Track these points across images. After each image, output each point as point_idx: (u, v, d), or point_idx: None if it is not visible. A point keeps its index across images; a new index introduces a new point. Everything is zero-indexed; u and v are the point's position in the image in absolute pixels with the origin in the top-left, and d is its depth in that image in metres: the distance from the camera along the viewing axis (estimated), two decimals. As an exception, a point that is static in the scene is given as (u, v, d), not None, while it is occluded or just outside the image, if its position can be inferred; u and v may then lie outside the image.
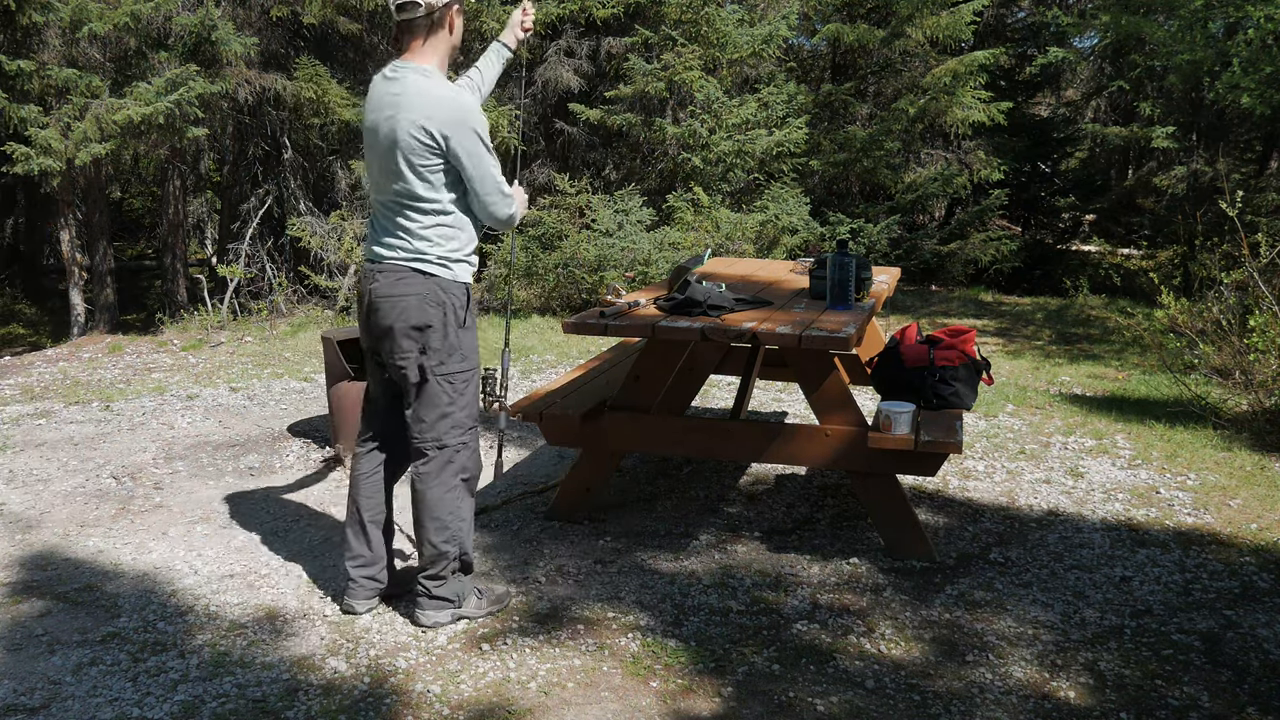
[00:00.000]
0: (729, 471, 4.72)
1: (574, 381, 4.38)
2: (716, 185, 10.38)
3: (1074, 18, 12.82)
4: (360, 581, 3.23)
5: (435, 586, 3.11)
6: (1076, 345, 8.09)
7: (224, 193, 11.12)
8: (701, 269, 5.05)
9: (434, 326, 2.94)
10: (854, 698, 2.81)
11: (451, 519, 3.07)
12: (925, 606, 3.35)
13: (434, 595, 3.12)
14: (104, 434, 5.30)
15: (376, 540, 3.22)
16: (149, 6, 7.77)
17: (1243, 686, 2.89)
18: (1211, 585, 3.55)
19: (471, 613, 3.18)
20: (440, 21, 2.92)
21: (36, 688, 2.82)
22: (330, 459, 4.89)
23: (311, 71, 9.09)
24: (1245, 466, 4.85)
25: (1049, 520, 4.15)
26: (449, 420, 3.02)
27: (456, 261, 2.98)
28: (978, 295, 11.11)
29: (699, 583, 3.50)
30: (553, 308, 9.47)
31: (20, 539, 3.89)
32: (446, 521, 3.06)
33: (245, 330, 8.47)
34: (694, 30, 10.57)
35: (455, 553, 3.09)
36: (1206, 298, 6.21)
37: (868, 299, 4.09)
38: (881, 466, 3.63)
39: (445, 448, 3.03)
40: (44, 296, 12.11)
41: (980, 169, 11.91)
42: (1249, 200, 9.07)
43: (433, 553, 3.07)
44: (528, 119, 10.80)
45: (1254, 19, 7.64)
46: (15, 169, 7.29)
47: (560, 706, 2.74)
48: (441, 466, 3.04)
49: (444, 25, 2.94)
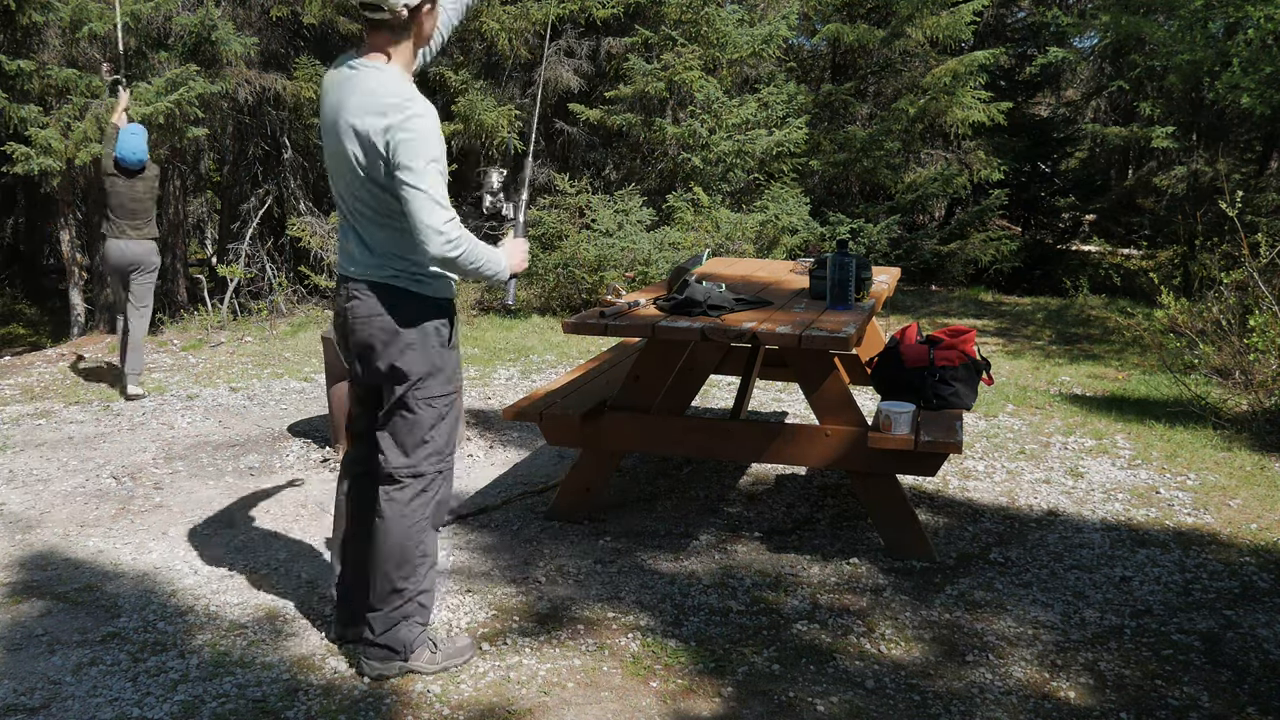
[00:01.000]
0: (729, 471, 4.72)
1: (574, 381, 4.38)
2: (716, 185, 10.38)
3: (1074, 18, 12.82)
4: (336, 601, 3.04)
5: (380, 631, 2.81)
6: (1076, 345, 8.09)
7: (224, 193, 11.13)
8: (701, 269, 5.05)
9: (415, 347, 2.70)
10: (854, 698, 2.81)
11: (415, 553, 2.79)
12: (925, 606, 3.35)
13: (376, 641, 2.82)
14: (104, 434, 5.30)
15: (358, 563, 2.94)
16: (149, 6, 7.77)
17: (1243, 686, 2.89)
18: (1211, 585, 3.55)
19: (422, 667, 2.86)
20: (406, 25, 2.63)
21: (36, 688, 2.82)
22: (329, 459, 4.89)
23: (311, 71, 9.09)
24: (1245, 466, 4.85)
25: (1049, 520, 4.15)
26: (428, 447, 2.77)
27: (434, 277, 2.72)
28: (978, 295, 11.11)
29: (699, 583, 3.50)
30: (553, 308, 9.47)
31: (20, 539, 3.89)
32: (410, 555, 2.78)
33: (245, 330, 8.47)
34: (694, 30, 10.57)
35: (411, 592, 2.81)
36: (1206, 298, 6.21)
37: (868, 299, 4.09)
38: (881, 466, 3.63)
39: (421, 476, 2.78)
40: (44, 296, 12.11)
41: (980, 169, 11.90)
42: (1249, 200, 9.06)
43: (386, 588, 2.79)
44: (527, 119, 10.80)
45: (1254, 19, 7.64)
46: (15, 169, 7.29)
47: (560, 706, 2.74)
48: (413, 496, 2.78)
49: (410, 30, 2.65)
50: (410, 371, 2.72)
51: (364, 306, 2.70)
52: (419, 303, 2.72)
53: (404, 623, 2.83)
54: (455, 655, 2.93)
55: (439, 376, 2.76)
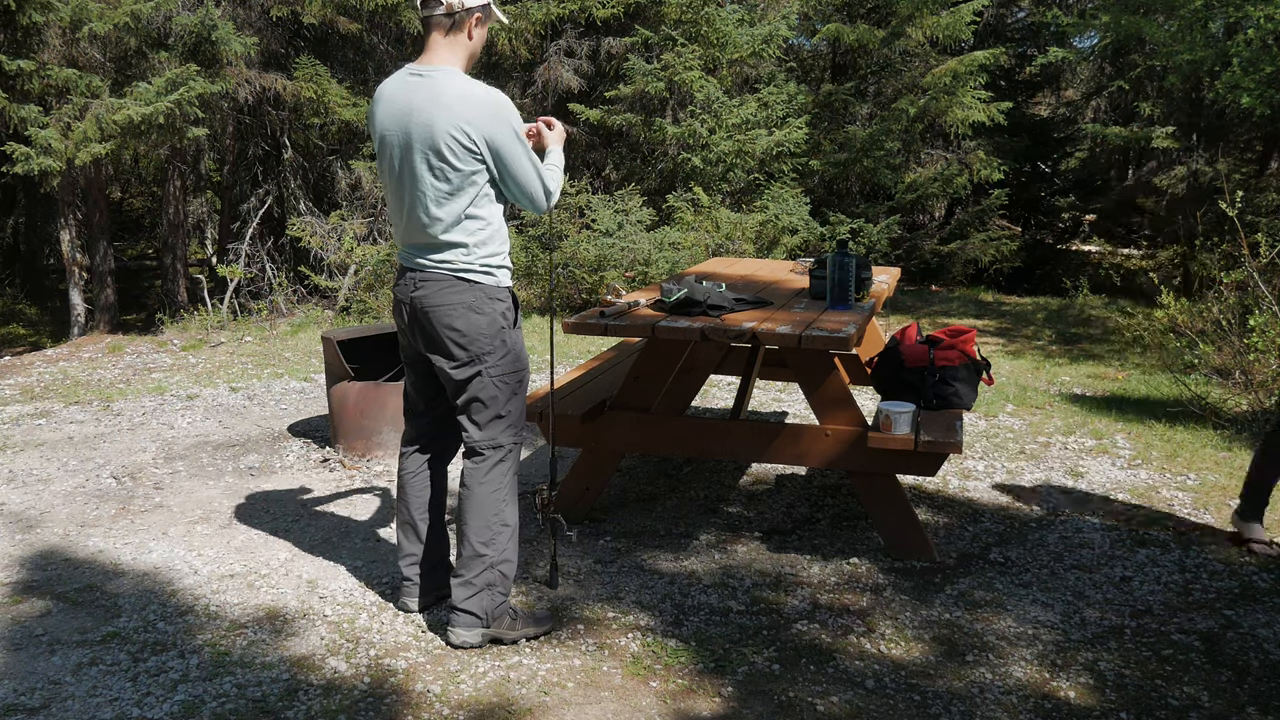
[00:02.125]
0: (729, 471, 4.72)
1: (574, 381, 4.38)
2: (716, 185, 10.38)
3: (1074, 18, 12.80)
4: (413, 579, 3.23)
5: (463, 596, 3.00)
6: (1077, 345, 8.09)
7: (224, 193, 11.12)
8: (700, 269, 5.05)
9: (485, 332, 2.91)
10: (854, 698, 2.81)
11: (495, 520, 3.00)
12: (925, 606, 3.35)
13: (459, 607, 3.00)
14: (104, 434, 5.30)
15: (427, 538, 3.21)
16: (149, 6, 7.77)
17: (1243, 686, 2.89)
18: (1211, 585, 3.55)
19: (504, 634, 3.05)
20: (460, 24, 2.85)
21: (36, 688, 2.82)
22: (329, 459, 4.89)
23: (311, 71, 9.09)
24: (1245, 466, 4.84)
25: (1049, 520, 4.15)
26: (504, 421, 3.00)
27: (498, 267, 2.95)
28: (978, 295, 11.11)
29: (699, 583, 3.50)
30: (553, 308, 9.47)
31: (20, 539, 3.89)
32: (489, 521, 3.00)
33: (245, 330, 8.47)
34: (694, 30, 10.57)
35: (492, 558, 3.00)
36: (1206, 298, 6.21)
37: (868, 299, 4.09)
38: (881, 466, 3.63)
39: (500, 448, 3.01)
40: (44, 296, 12.11)
41: (980, 169, 11.91)
42: (1249, 200, 9.06)
43: (469, 553, 3.00)
44: (527, 119, 10.79)
45: (1254, 19, 7.64)
46: (15, 169, 7.29)
47: (560, 706, 2.74)
48: (492, 466, 3.01)
49: (463, 29, 2.86)
50: (483, 354, 2.93)
51: (433, 296, 2.91)
52: (484, 292, 2.93)
53: (487, 590, 3.01)
54: (535, 625, 3.11)
55: (510, 355, 2.98)
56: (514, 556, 3.07)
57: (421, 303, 2.93)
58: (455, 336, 2.91)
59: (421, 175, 2.84)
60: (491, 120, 2.79)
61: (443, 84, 2.81)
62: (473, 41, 2.91)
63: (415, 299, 2.94)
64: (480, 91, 2.81)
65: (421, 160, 2.82)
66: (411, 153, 2.83)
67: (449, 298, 2.89)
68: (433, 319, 2.92)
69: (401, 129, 2.84)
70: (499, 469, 3.02)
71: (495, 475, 3.01)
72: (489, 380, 2.95)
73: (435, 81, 2.81)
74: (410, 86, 2.85)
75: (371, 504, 4.28)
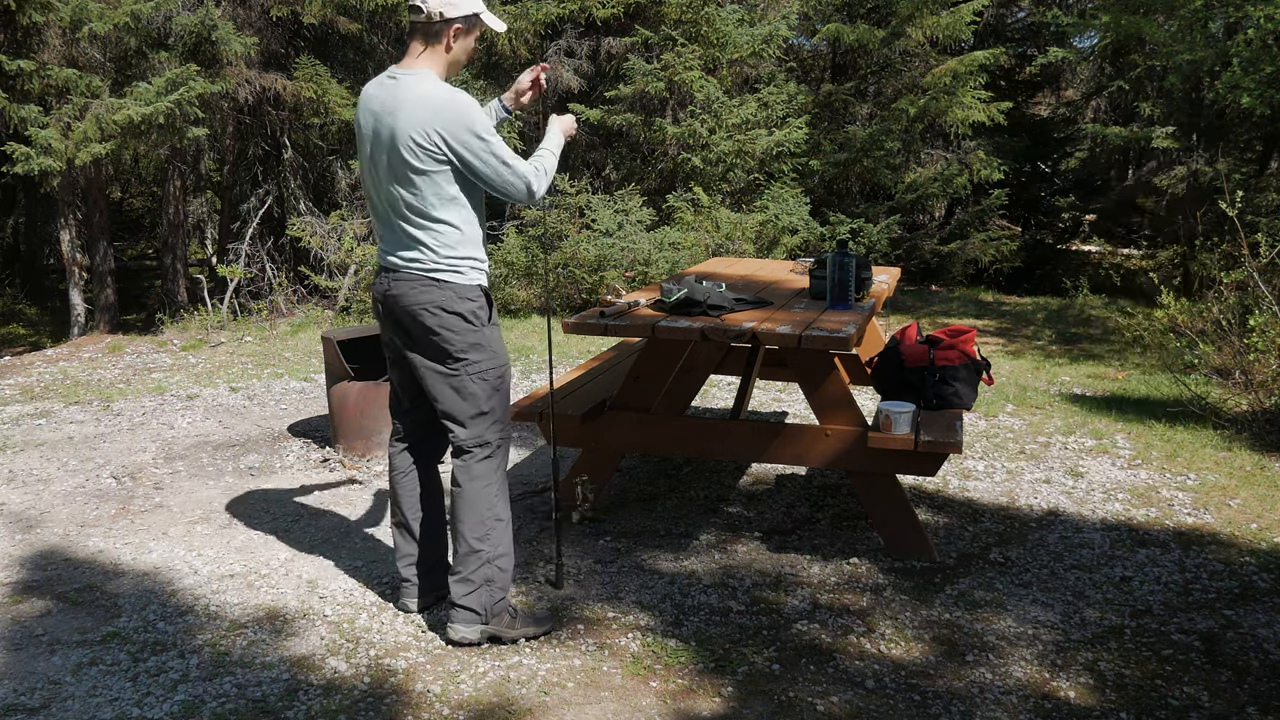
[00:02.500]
0: (729, 471, 4.72)
1: (574, 381, 4.38)
2: (716, 185, 10.38)
3: (1074, 18, 12.80)
4: (412, 580, 3.24)
5: (461, 593, 3.01)
6: (1077, 345, 8.09)
7: (224, 193, 11.12)
8: (700, 269, 5.05)
9: (458, 331, 2.94)
10: (854, 698, 2.81)
11: (489, 515, 3.03)
12: (925, 606, 3.35)
13: (458, 603, 3.02)
14: (104, 434, 5.30)
15: (422, 538, 3.22)
16: (149, 6, 7.77)
17: (1243, 686, 2.89)
18: (1211, 585, 3.55)
19: (503, 632, 3.06)
20: (438, 34, 2.89)
21: (36, 688, 2.82)
22: (329, 459, 4.89)
23: (311, 71, 9.09)
24: (1245, 466, 4.85)
25: (1049, 520, 4.15)
26: (489, 418, 3.02)
27: (470, 266, 2.96)
28: (978, 295, 11.11)
29: (699, 583, 3.50)
30: (553, 308, 9.48)
31: (20, 539, 3.89)
32: (483, 517, 3.02)
33: (245, 330, 8.47)
34: (694, 30, 10.57)
35: (488, 554, 3.02)
36: (1206, 298, 6.21)
37: (868, 299, 4.09)
38: (881, 466, 3.63)
39: (487, 444, 3.03)
40: (44, 296, 12.11)
41: (980, 169, 11.91)
42: (1249, 200, 9.06)
43: (465, 550, 3.02)
44: (528, 119, 10.80)
45: (1254, 19, 7.64)
46: (15, 169, 7.29)
47: (560, 706, 2.74)
48: (480, 461, 3.03)
49: (441, 40, 2.89)
50: (459, 353, 2.95)
51: (406, 296, 2.93)
52: (454, 291, 2.94)
53: (485, 586, 3.03)
54: (535, 624, 3.12)
55: (486, 351, 2.99)
56: (510, 551, 3.08)
57: (395, 301, 2.96)
58: (431, 336, 2.94)
59: (390, 175, 2.89)
60: (450, 122, 2.81)
61: (409, 86, 2.86)
62: (451, 53, 2.94)
63: (389, 297, 2.97)
64: (442, 93, 2.84)
65: (389, 161, 2.88)
66: (381, 153, 2.89)
67: (420, 297, 2.92)
68: (407, 318, 2.95)
69: (374, 130, 2.90)
70: (487, 465, 3.04)
71: (485, 471, 3.03)
72: (468, 378, 2.97)
73: (404, 84, 2.87)
74: (385, 88, 2.91)
75: (371, 504, 4.28)
